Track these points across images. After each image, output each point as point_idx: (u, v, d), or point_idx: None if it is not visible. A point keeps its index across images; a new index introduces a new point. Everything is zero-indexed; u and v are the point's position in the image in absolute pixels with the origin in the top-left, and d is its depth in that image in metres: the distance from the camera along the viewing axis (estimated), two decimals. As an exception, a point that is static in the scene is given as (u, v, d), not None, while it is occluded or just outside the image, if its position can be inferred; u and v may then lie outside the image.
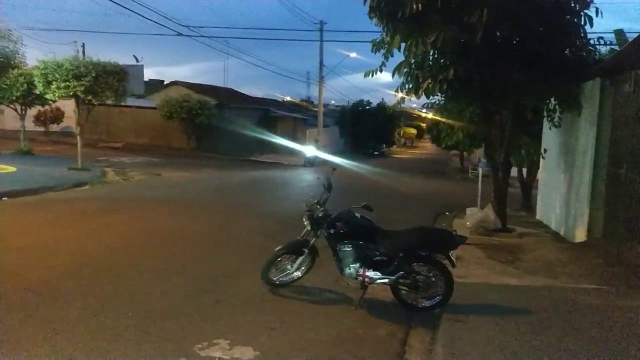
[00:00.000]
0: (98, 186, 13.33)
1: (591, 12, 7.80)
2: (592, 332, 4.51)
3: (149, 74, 40.75)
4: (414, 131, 75.03)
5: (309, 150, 26.56)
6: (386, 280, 5.07)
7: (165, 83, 38.70)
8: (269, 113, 37.48)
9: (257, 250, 7.13)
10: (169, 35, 26.62)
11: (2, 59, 10.36)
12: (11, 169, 14.14)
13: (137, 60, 37.07)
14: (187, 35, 28.06)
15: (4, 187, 10.98)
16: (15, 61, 11.15)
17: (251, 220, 9.94)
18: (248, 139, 29.83)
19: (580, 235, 8.33)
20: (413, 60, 7.92)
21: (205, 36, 30.72)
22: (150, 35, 61.28)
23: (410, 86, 8.22)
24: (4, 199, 10.23)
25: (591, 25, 7.81)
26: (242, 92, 40.85)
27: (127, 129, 31.14)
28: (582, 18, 7.85)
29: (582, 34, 8.12)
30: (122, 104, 19.81)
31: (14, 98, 17.80)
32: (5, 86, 16.98)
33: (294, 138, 37.62)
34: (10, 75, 15.86)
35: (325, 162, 25.28)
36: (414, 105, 39.57)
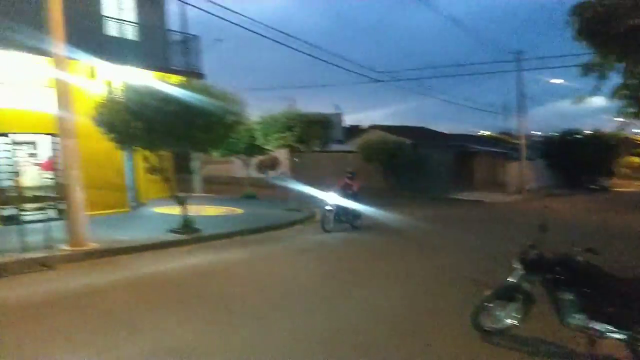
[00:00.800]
0: (310, 226, 14.60)
1: None
2: None
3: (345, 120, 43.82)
4: (639, 160, 64.74)
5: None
6: (620, 336, 4.45)
7: (362, 128, 41.10)
8: (465, 149, 36.55)
9: (463, 291, 6.94)
10: (366, 83, 28.25)
11: (234, 119, 12.32)
12: (239, 210, 16.55)
13: (337, 109, 40.41)
14: (384, 81, 29.38)
15: (235, 227, 12.84)
16: (242, 119, 13.30)
17: (457, 259, 9.72)
18: (444, 177, 29.52)
19: None
20: (632, 81, 7.02)
21: (399, 79, 31.79)
22: (349, 85, 65.73)
23: (632, 110, 7.28)
24: (235, 237, 11.94)
25: None
26: (435, 129, 40.91)
27: (330, 171, 33.63)
28: None
29: None
30: (326, 149, 21.70)
31: (240, 149, 21.05)
32: (234, 140, 20.12)
33: (494, 173, 35.80)
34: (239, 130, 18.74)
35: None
36: (638, 131, 34.21)
